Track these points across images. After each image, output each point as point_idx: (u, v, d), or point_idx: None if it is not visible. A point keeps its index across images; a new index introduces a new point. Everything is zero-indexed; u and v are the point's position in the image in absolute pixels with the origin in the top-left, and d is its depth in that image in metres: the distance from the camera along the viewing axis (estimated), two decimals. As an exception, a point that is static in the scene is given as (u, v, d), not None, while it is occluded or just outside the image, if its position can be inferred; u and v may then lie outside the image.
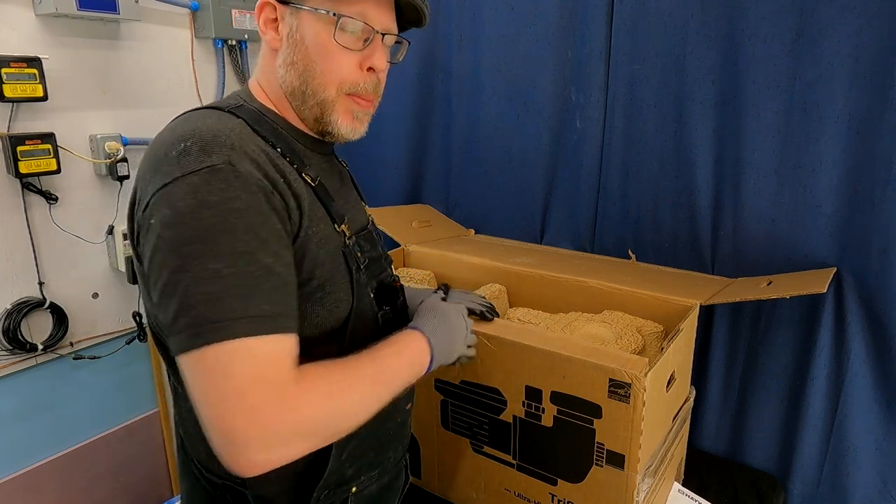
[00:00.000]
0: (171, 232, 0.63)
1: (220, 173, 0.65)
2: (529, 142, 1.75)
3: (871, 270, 1.27)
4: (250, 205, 0.66)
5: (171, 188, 0.64)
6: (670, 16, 1.44)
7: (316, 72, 0.78)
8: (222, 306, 0.61)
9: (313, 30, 0.77)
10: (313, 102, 0.80)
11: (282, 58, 0.79)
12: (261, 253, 0.65)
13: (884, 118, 1.20)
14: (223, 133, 0.69)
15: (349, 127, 0.82)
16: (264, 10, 0.79)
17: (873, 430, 1.33)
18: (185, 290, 0.62)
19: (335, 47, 0.77)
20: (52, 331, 1.65)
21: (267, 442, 0.61)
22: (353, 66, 0.79)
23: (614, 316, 1.34)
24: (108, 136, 1.66)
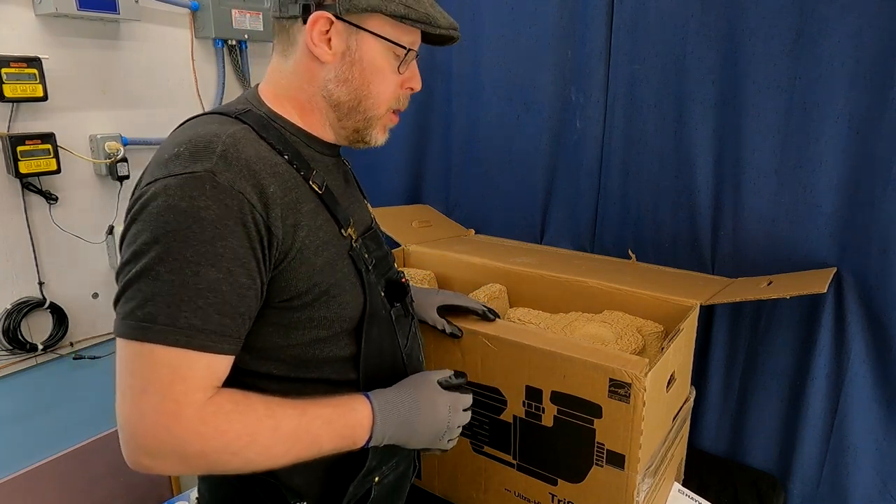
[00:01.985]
0: (136, 227, 0.67)
1: (197, 181, 0.67)
2: (529, 142, 1.75)
3: (871, 270, 1.27)
4: (218, 217, 0.66)
5: (151, 188, 0.68)
6: (670, 16, 1.44)
7: (371, 92, 0.82)
8: (149, 309, 0.64)
9: (375, 53, 0.81)
10: (361, 118, 0.84)
11: (333, 73, 0.81)
12: (209, 267, 0.66)
13: (884, 118, 1.20)
14: (219, 140, 0.70)
15: (383, 138, 0.89)
16: (318, 23, 0.79)
17: (873, 430, 1.33)
18: (129, 280, 0.66)
19: (393, 73, 0.83)
20: (52, 331, 1.65)
21: (146, 449, 0.65)
22: (399, 85, 0.85)
23: (614, 316, 1.34)
24: (108, 136, 1.66)
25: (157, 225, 0.65)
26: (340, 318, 0.80)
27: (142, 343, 0.64)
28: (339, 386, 0.83)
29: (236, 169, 0.69)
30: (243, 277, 0.68)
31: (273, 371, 0.79)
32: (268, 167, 0.73)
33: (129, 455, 0.66)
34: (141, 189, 0.69)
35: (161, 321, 0.64)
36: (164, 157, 0.70)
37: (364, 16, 0.78)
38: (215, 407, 0.67)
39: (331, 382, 0.83)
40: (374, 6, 0.77)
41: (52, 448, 1.73)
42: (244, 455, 0.68)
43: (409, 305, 0.97)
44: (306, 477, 0.83)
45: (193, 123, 0.77)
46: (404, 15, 0.79)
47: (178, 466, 0.67)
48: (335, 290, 0.79)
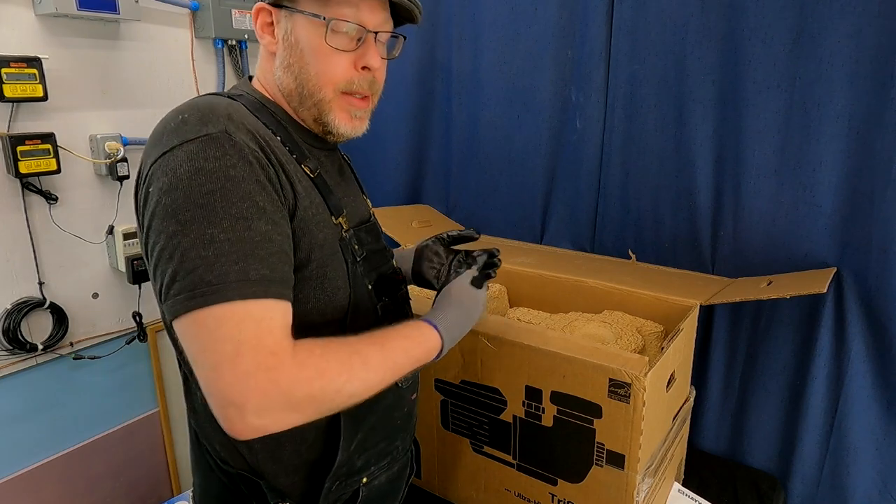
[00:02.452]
0: (168, 198, 0.65)
1: (217, 141, 0.66)
2: (529, 142, 1.75)
3: (871, 270, 1.27)
4: (246, 173, 0.67)
5: (168, 156, 0.66)
6: (670, 16, 1.44)
7: (311, 73, 0.79)
8: (218, 270, 0.62)
9: (306, 32, 0.78)
10: (311, 103, 0.81)
11: (278, 61, 0.81)
12: (257, 219, 0.66)
13: (884, 118, 1.20)
14: (220, 106, 0.71)
15: (348, 126, 0.83)
16: (260, 14, 0.80)
17: (873, 430, 1.33)
18: (182, 254, 0.63)
19: (328, 49, 0.78)
20: (52, 331, 1.65)
21: (260, 407, 0.62)
22: (347, 65, 0.80)
23: (614, 316, 1.34)
24: (108, 136, 1.66)
25: (192, 190, 0.64)
26: (331, 305, 0.79)
27: (222, 305, 0.62)
28: None
29: (244, 131, 0.70)
30: (285, 227, 0.70)
31: None
32: (266, 136, 0.74)
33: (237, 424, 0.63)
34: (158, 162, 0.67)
35: (234, 278, 0.63)
36: (171, 126, 0.69)
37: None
38: (307, 351, 0.66)
39: None
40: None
41: (52, 448, 1.73)
42: (347, 390, 0.69)
43: (403, 303, 0.96)
44: (291, 477, 0.83)
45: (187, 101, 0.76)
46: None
47: (290, 417, 0.66)
48: (330, 273, 0.79)
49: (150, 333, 1.87)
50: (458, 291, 0.91)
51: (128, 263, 1.71)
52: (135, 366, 1.89)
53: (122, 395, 1.87)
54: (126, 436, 1.89)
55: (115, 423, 1.86)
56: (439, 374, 1.22)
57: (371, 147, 1.99)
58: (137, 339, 1.83)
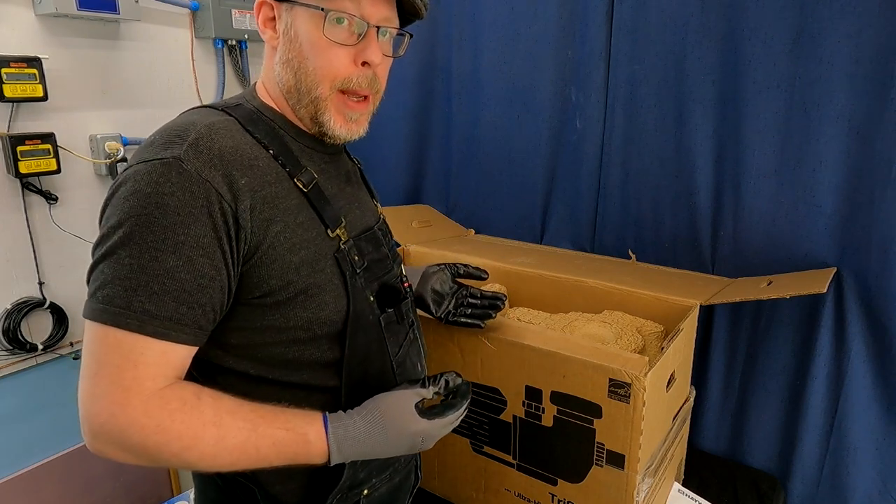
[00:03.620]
0: (108, 212, 0.68)
1: (165, 167, 0.67)
2: (529, 142, 1.75)
3: (871, 270, 1.27)
4: (182, 204, 0.66)
5: (125, 172, 0.69)
6: (670, 16, 1.44)
7: (308, 68, 0.77)
8: (108, 291, 0.65)
9: (305, 26, 0.76)
10: (307, 100, 0.79)
11: (278, 56, 0.79)
12: (169, 254, 0.66)
13: (884, 118, 1.20)
14: (193, 129, 0.70)
15: (343, 128, 0.81)
16: (262, 8, 0.79)
17: (873, 430, 1.33)
18: (94, 262, 0.67)
19: (326, 42, 0.76)
20: (52, 331, 1.65)
21: (96, 433, 0.65)
22: (346, 60, 0.77)
23: (614, 316, 1.34)
24: (107, 136, 1.66)
25: (122, 209, 0.66)
26: (319, 321, 0.77)
27: (99, 325, 0.65)
28: (319, 392, 0.80)
29: (206, 157, 0.68)
30: (206, 267, 0.67)
31: (250, 371, 0.77)
32: (244, 159, 0.72)
33: (83, 434, 0.67)
34: (118, 175, 0.71)
35: (117, 304, 0.64)
36: (144, 144, 0.72)
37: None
38: (162, 401, 0.66)
39: (310, 388, 0.79)
40: None
41: (52, 448, 1.73)
42: (184, 457, 0.67)
43: (406, 312, 0.92)
44: (286, 484, 0.81)
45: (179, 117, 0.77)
46: None
47: (123, 455, 0.67)
48: (313, 291, 0.76)
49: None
50: (393, 410, 0.76)
51: (128, 263, 1.71)
52: (135, 366, 1.89)
53: (122, 395, 1.87)
54: (126, 436, 1.89)
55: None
56: (439, 374, 1.22)
57: (371, 147, 1.99)
58: (137, 339, 1.83)
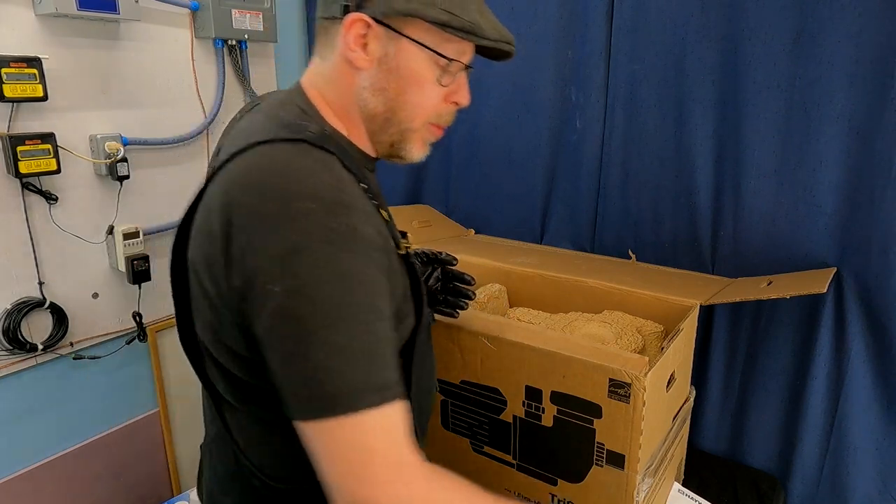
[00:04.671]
0: (294, 302, 0.61)
1: (347, 242, 0.63)
2: (529, 142, 1.75)
3: (871, 270, 1.27)
4: (371, 274, 0.65)
5: (296, 257, 0.61)
6: (670, 16, 1.44)
7: (408, 103, 0.77)
8: (346, 378, 0.61)
9: (414, 62, 0.75)
10: (395, 130, 0.79)
11: (368, 81, 0.76)
12: (378, 321, 0.65)
13: (884, 118, 1.20)
14: (342, 191, 0.66)
15: (421, 153, 0.83)
16: (355, 26, 0.74)
17: (873, 430, 1.33)
18: (310, 361, 0.61)
19: (433, 84, 0.77)
20: (52, 331, 1.65)
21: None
22: (441, 98, 0.79)
23: (614, 316, 1.34)
24: (108, 136, 1.66)
25: (321, 297, 0.61)
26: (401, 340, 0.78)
27: (352, 416, 0.60)
28: None
29: (364, 217, 0.66)
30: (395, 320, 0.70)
31: None
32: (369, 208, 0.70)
33: None
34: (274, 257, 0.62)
35: (360, 387, 0.61)
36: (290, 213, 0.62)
37: (404, 21, 0.73)
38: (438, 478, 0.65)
39: None
40: (413, 11, 0.72)
41: (52, 448, 1.73)
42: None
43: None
44: None
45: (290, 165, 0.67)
46: (446, 22, 0.73)
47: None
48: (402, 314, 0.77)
49: (150, 333, 1.87)
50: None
51: (128, 263, 1.71)
52: (135, 366, 1.89)
53: (122, 395, 1.86)
54: (126, 436, 1.89)
55: (115, 423, 1.86)
56: (439, 374, 1.22)
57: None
58: (137, 339, 1.83)
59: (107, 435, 1.84)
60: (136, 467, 1.94)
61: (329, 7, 0.76)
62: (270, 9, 1.97)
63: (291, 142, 0.69)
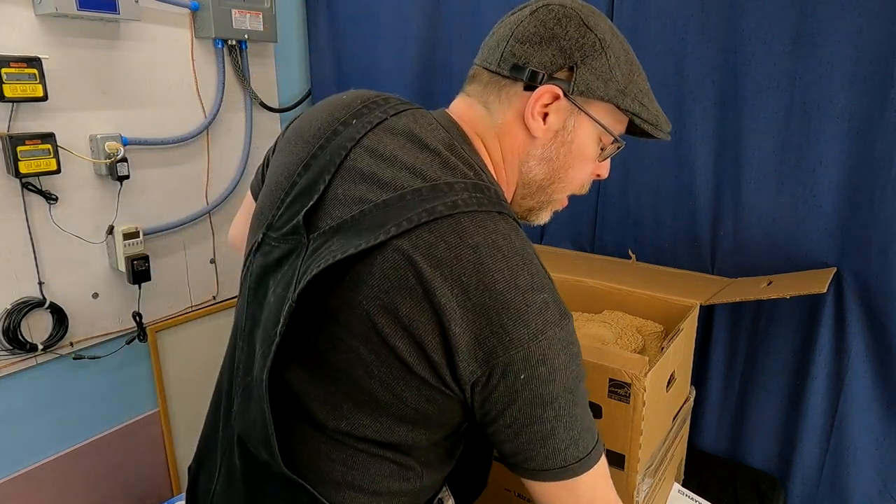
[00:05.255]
0: (547, 389, 0.66)
1: (570, 325, 0.69)
2: (529, 142, 1.74)
3: (871, 270, 1.27)
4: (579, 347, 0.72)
5: (543, 343, 0.64)
6: (670, 16, 1.44)
7: (567, 177, 0.79)
8: (583, 444, 0.71)
9: (587, 139, 0.77)
10: (544, 198, 0.81)
11: (539, 150, 0.76)
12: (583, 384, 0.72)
13: (884, 118, 1.20)
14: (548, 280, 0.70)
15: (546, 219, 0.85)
16: (545, 96, 0.73)
17: (873, 430, 1.33)
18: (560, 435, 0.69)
19: (593, 160, 0.79)
20: (52, 331, 1.65)
21: None
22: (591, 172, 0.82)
23: (614, 316, 1.34)
24: (108, 136, 1.66)
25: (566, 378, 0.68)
26: None
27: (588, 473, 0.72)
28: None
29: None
30: None
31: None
32: None
33: None
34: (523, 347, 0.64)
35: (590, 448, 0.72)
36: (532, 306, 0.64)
37: (591, 101, 0.74)
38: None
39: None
40: (611, 97, 0.73)
41: (52, 448, 1.73)
42: None
43: None
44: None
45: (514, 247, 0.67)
46: (637, 113, 0.75)
47: None
48: None
49: (150, 333, 1.87)
50: None
51: (128, 263, 1.71)
52: (135, 366, 1.89)
53: (122, 395, 1.87)
54: (126, 436, 1.89)
55: (115, 423, 1.86)
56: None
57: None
58: (137, 339, 1.83)
59: (107, 435, 1.84)
60: (136, 467, 1.94)
61: (511, 65, 0.74)
62: (270, 9, 1.97)
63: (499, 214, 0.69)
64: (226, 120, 1.99)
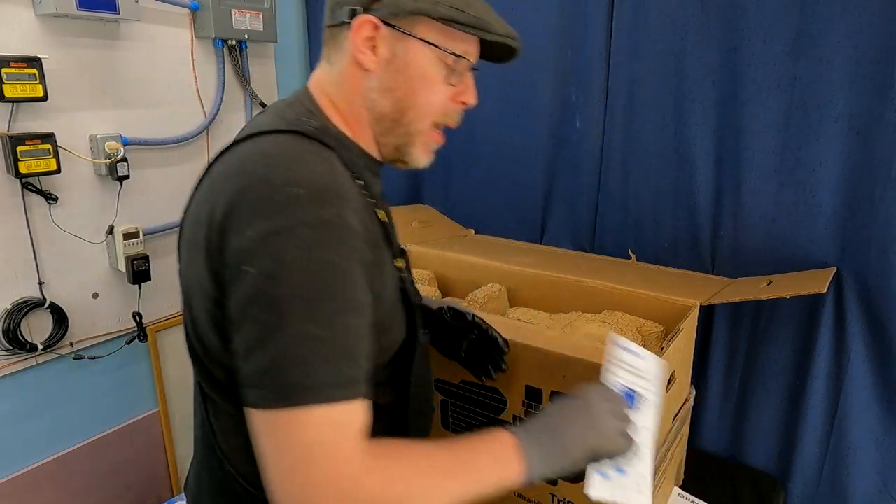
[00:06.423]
0: (270, 286, 0.60)
1: (332, 229, 0.62)
2: (529, 142, 1.75)
3: (871, 270, 1.27)
4: (352, 266, 0.63)
5: (276, 238, 0.60)
6: (670, 16, 1.44)
7: (416, 103, 0.77)
8: (310, 370, 0.59)
9: (422, 62, 0.76)
10: (403, 131, 0.79)
11: (377, 82, 0.77)
12: (353, 317, 0.63)
13: (884, 118, 1.20)
14: (333, 180, 0.66)
15: (425, 159, 0.83)
16: (364, 28, 0.74)
17: (873, 430, 1.33)
18: (277, 348, 0.59)
19: (441, 82, 0.77)
20: (52, 331, 1.65)
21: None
22: (448, 98, 0.79)
23: (614, 316, 1.34)
24: (108, 136, 1.66)
25: (298, 283, 0.60)
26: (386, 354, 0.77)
27: (306, 408, 0.58)
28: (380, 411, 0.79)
29: (351, 210, 0.65)
30: (370, 318, 0.66)
31: None
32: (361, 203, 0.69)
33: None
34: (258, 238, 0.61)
35: (324, 380, 0.59)
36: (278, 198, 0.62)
37: (412, 21, 0.74)
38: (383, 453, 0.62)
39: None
40: (421, 9, 0.73)
41: (52, 448, 1.73)
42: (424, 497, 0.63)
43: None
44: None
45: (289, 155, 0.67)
46: (453, 18, 0.73)
47: None
48: (388, 323, 0.76)
49: (150, 333, 1.87)
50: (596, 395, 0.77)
51: (128, 263, 1.71)
52: (135, 366, 1.89)
53: (122, 395, 1.87)
54: (126, 436, 1.89)
55: (115, 423, 1.86)
56: (440, 374, 1.22)
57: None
58: (137, 339, 1.83)
59: (107, 435, 1.84)
60: (136, 467, 1.94)
61: (336, 13, 0.77)
62: (270, 9, 1.97)
63: (289, 133, 0.70)
64: (226, 120, 1.99)
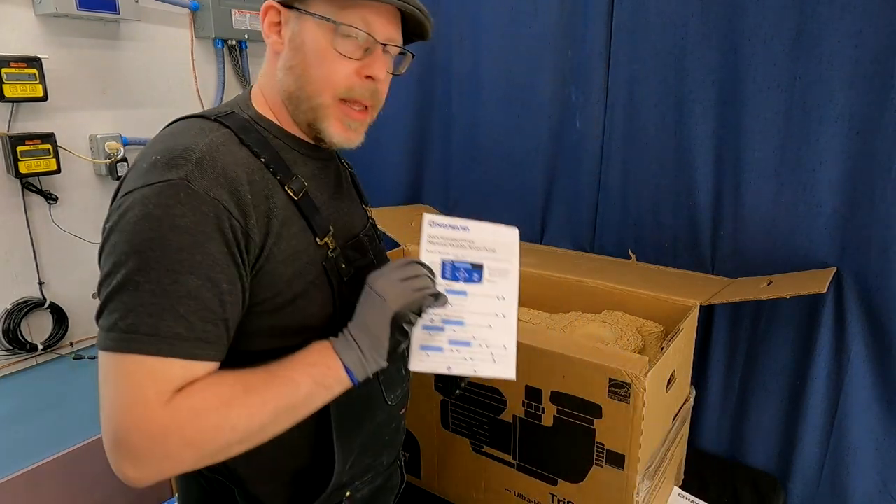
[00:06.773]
0: (113, 237, 0.67)
1: (172, 189, 0.66)
2: (529, 142, 1.75)
3: (871, 270, 1.27)
4: (194, 224, 0.66)
5: (128, 198, 0.67)
6: (670, 16, 1.44)
7: (312, 77, 0.78)
8: (132, 319, 0.63)
9: (314, 35, 0.77)
10: (307, 107, 0.79)
11: (282, 62, 0.80)
12: (189, 274, 0.65)
13: (884, 118, 1.20)
14: (196, 148, 0.69)
15: (342, 136, 0.82)
16: (268, 13, 0.79)
17: (873, 430, 1.33)
18: (109, 293, 0.65)
19: (333, 54, 0.77)
20: (52, 331, 1.65)
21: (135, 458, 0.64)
22: (350, 72, 0.79)
23: (614, 316, 1.34)
24: (107, 136, 1.66)
25: (134, 235, 0.65)
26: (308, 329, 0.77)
27: (125, 355, 0.63)
28: None
29: (212, 176, 0.68)
30: (224, 283, 0.68)
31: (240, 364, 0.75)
32: (245, 174, 0.72)
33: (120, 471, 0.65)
34: (119, 200, 0.69)
35: (143, 331, 0.63)
36: (143, 167, 0.69)
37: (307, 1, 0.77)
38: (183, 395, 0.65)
39: None
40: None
41: (52, 448, 1.73)
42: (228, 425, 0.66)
43: None
44: (269, 485, 0.81)
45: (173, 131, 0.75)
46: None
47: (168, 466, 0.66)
48: (302, 300, 0.76)
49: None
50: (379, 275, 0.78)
51: (128, 263, 1.71)
52: (135, 366, 1.89)
53: (122, 395, 1.87)
54: (126, 436, 1.89)
55: (115, 423, 1.86)
56: (439, 374, 1.22)
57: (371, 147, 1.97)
58: (137, 339, 1.83)
59: (107, 435, 1.84)
60: (136, 467, 1.94)
61: None
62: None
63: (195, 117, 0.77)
64: (226, 120, 1.99)
